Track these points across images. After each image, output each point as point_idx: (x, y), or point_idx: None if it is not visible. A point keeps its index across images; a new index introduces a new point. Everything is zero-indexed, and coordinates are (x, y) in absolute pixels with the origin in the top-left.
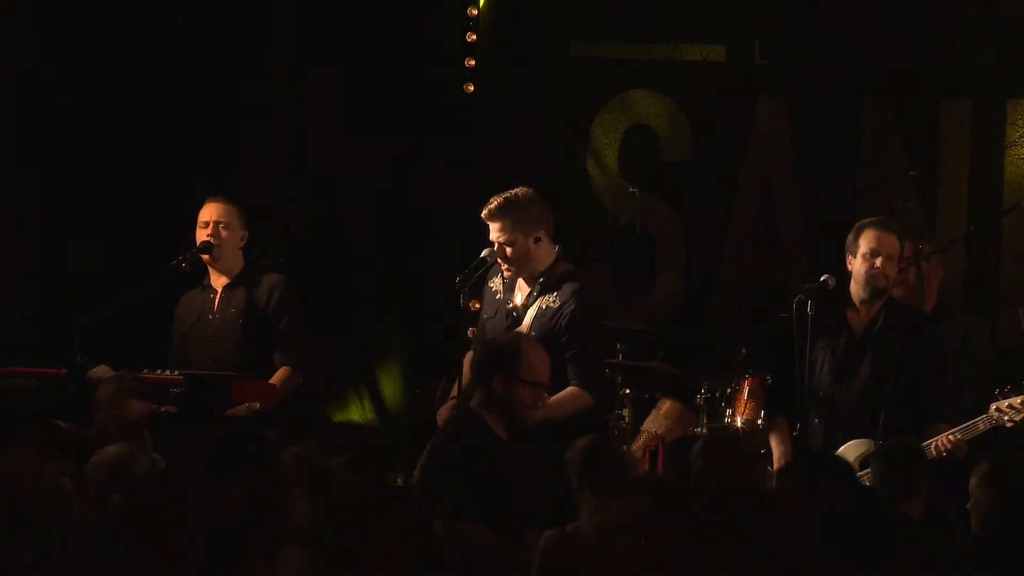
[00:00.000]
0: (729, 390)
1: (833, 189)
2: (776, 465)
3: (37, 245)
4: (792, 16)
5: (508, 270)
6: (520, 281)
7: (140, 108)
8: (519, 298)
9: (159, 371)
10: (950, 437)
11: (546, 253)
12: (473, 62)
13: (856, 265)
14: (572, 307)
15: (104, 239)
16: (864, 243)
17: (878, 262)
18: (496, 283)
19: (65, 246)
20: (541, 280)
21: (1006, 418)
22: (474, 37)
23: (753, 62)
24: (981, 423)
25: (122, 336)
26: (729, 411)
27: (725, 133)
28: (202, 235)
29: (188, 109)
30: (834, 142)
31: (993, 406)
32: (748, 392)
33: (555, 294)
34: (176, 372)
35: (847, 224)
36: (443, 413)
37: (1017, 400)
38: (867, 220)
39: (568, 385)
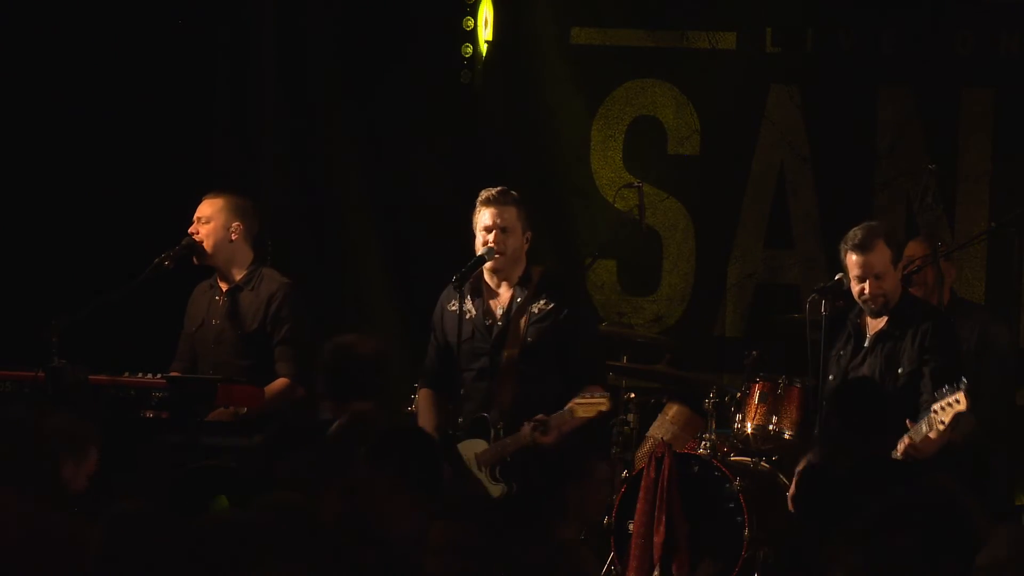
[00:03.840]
0: (739, 394)
1: (849, 183)
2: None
3: (10, 243)
4: (806, 1)
5: (499, 257)
6: (500, 293)
7: (124, 102)
8: (499, 310)
9: (140, 374)
10: (901, 446)
11: (523, 257)
12: (470, 50)
13: (849, 284)
14: (571, 307)
15: (84, 237)
16: (849, 267)
17: (866, 287)
18: (457, 305)
19: (41, 244)
20: (524, 286)
21: (938, 419)
22: (472, 24)
23: (765, 50)
24: (924, 425)
25: (102, 337)
26: (739, 416)
27: (735, 124)
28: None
29: (176, 104)
30: (850, 133)
31: (933, 407)
32: (759, 396)
33: (544, 298)
34: (159, 376)
35: (864, 220)
36: None
37: (945, 401)
38: (850, 236)
39: (575, 385)
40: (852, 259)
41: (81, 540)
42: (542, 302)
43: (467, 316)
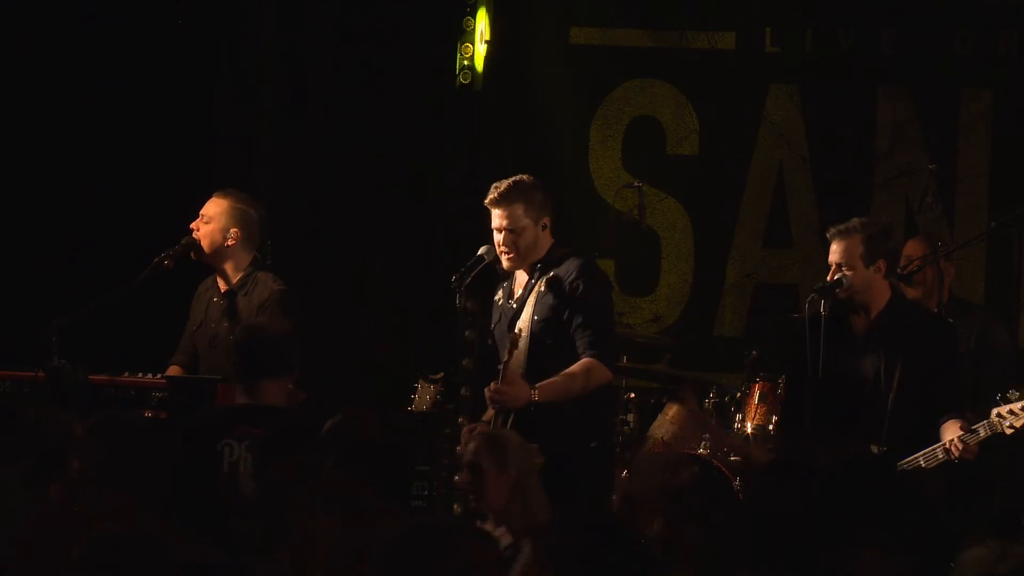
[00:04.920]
0: (739, 394)
1: (848, 183)
2: None
3: (10, 243)
4: (805, 1)
5: (509, 260)
6: (519, 277)
7: (125, 102)
8: (519, 292)
9: (140, 374)
10: (956, 443)
11: (547, 241)
12: (470, 50)
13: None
14: (575, 276)
15: (84, 237)
16: None
17: (829, 275)
18: (499, 294)
19: (41, 244)
20: (539, 266)
21: (1007, 423)
22: (471, 24)
23: (764, 49)
24: (982, 429)
25: (102, 337)
26: (739, 416)
27: (734, 124)
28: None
29: (176, 104)
30: (849, 133)
31: (994, 411)
32: (759, 396)
33: (552, 272)
34: (159, 376)
35: (862, 220)
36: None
37: (1017, 406)
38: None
39: (578, 358)
40: (830, 246)
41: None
42: (547, 277)
43: (497, 303)
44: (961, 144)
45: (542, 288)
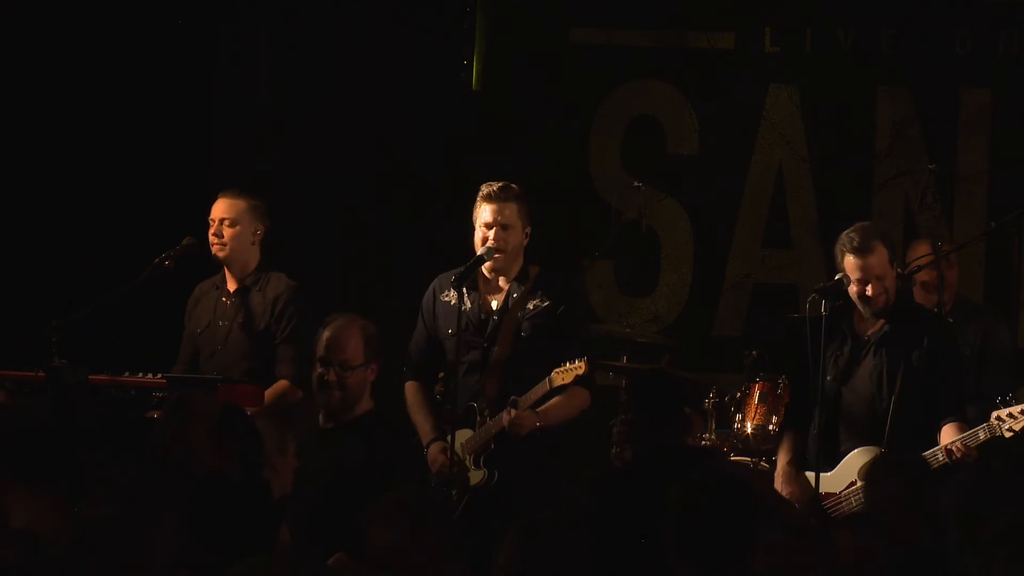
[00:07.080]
0: (739, 394)
1: (848, 183)
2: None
3: (10, 243)
4: (805, 1)
5: (498, 257)
6: (494, 287)
7: (125, 102)
8: (495, 304)
9: (140, 374)
10: (958, 446)
11: (522, 254)
12: (470, 51)
13: (849, 285)
14: (567, 304)
15: (84, 237)
16: (848, 269)
17: (869, 290)
18: (452, 296)
19: (41, 244)
20: (520, 283)
21: (1005, 426)
22: (472, 24)
23: (764, 49)
24: (982, 432)
25: (102, 337)
26: (739, 416)
27: (734, 124)
28: (210, 234)
29: (177, 104)
30: (849, 133)
31: (993, 415)
32: (759, 396)
33: (539, 295)
34: (159, 375)
35: (862, 220)
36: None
37: (1016, 409)
38: (846, 238)
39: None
40: (852, 262)
41: None
42: (537, 299)
43: (462, 309)
44: (961, 144)
45: (530, 308)
